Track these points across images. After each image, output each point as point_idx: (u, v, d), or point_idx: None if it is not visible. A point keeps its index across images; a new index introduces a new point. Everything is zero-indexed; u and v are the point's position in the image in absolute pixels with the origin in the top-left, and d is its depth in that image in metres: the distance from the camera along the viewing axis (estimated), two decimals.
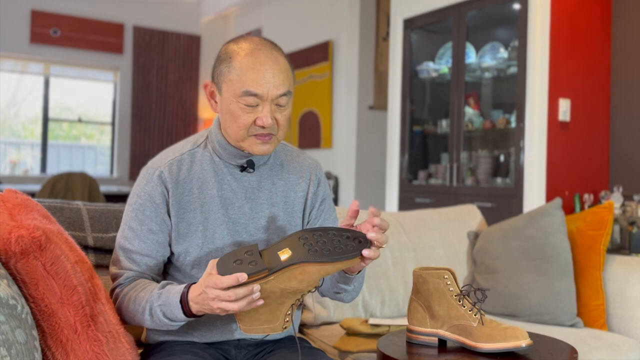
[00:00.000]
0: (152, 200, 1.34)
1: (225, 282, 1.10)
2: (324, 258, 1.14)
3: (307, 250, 1.15)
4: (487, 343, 1.30)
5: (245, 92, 1.28)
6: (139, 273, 1.34)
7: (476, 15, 3.65)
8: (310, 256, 1.14)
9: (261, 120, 1.29)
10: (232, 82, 1.29)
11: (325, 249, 1.15)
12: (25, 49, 6.66)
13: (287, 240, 1.19)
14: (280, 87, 1.30)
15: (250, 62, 1.29)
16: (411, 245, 2.28)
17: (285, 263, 1.13)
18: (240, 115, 1.30)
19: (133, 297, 1.27)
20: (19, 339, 0.97)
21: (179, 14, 7.56)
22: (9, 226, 1.09)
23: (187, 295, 1.20)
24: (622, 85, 3.45)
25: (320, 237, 1.17)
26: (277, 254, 1.16)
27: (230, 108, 1.31)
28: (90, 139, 7.39)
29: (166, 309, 1.22)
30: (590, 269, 2.14)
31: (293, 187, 1.45)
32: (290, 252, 1.15)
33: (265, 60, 1.29)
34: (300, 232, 1.19)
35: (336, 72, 5.60)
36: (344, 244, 1.16)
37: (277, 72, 1.30)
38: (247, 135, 1.32)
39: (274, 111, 1.31)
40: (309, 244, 1.16)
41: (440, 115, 4.08)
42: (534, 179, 3.18)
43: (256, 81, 1.28)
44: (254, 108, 1.30)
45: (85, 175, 5.27)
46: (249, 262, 1.13)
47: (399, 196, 4.03)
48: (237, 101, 1.29)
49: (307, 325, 2.01)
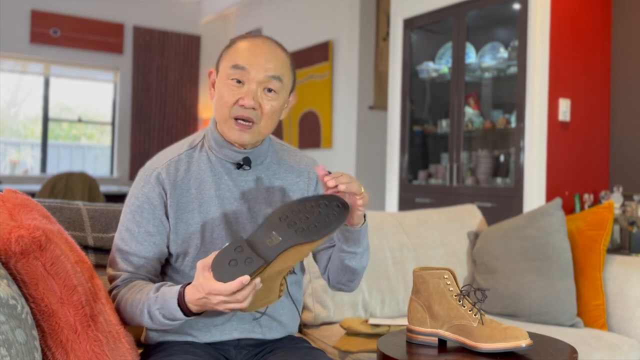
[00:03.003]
0: (149, 202, 1.34)
1: (230, 289, 1.10)
2: (313, 236, 1.15)
3: (294, 232, 1.15)
4: (487, 343, 1.30)
5: (234, 65, 1.30)
6: (136, 274, 1.33)
7: (476, 15, 3.65)
8: (299, 237, 1.15)
9: (243, 99, 1.29)
10: (227, 59, 1.33)
11: (311, 226, 1.16)
12: (25, 49, 6.66)
13: (269, 224, 1.18)
14: (270, 70, 1.31)
15: (248, 44, 1.34)
16: (411, 245, 2.28)
17: (278, 250, 1.14)
18: (226, 93, 1.31)
19: (130, 299, 1.27)
20: (19, 339, 0.97)
21: (179, 14, 7.56)
22: (9, 226, 1.09)
23: (184, 297, 1.19)
24: (622, 85, 3.45)
25: (300, 213, 1.17)
26: (266, 243, 1.15)
27: (219, 88, 1.33)
28: (90, 139, 7.39)
29: (166, 312, 1.22)
30: (590, 269, 2.14)
31: (291, 186, 1.45)
32: (280, 238, 1.15)
33: (262, 46, 1.33)
34: (279, 212, 1.19)
35: (336, 72, 5.60)
36: (325, 214, 1.17)
37: (270, 58, 1.32)
38: (229, 115, 1.31)
39: (261, 96, 1.31)
40: (292, 223, 1.16)
41: (440, 115, 4.08)
42: (534, 179, 3.18)
43: (246, 57, 1.31)
44: (240, 86, 1.31)
45: (85, 175, 5.27)
46: (245, 260, 1.13)
47: (399, 196, 4.03)
48: (226, 78, 1.31)
49: (307, 325, 2.01)
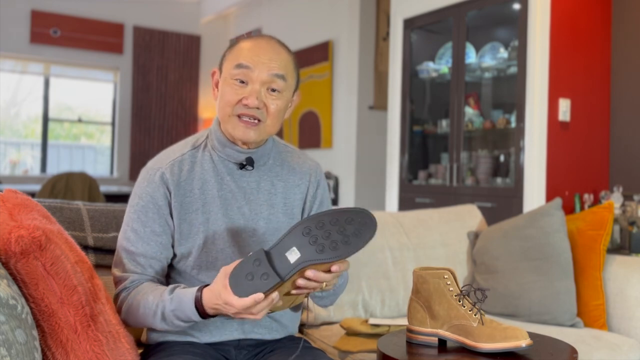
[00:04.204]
0: (154, 202, 1.33)
1: (244, 305, 1.11)
2: (332, 256, 1.13)
3: (314, 250, 1.14)
4: (487, 343, 1.30)
5: (237, 64, 1.30)
6: (144, 276, 1.33)
7: (476, 15, 3.65)
8: (318, 255, 1.13)
9: (246, 99, 1.29)
10: (230, 59, 1.32)
11: (332, 244, 1.14)
12: (25, 49, 6.66)
13: (292, 236, 1.16)
14: (273, 68, 1.30)
15: (251, 44, 1.33)
16: (411, 245, 2.28)
17: (296, 267, 1.13)
18: (228, 91, 1.30)
19: (142, 301, 1.26)
20: (19, 339, 0.97)
21: (179, 14, 7.56)
22: (9, 226, 1.09)
23: (202, 300, 1.20)
24: (622, 85, 3.45)
25: (324, 228, 1.15)
26: (285, 256, 1.14)
27: (223, 88, 1.32)
28: (90, 139, 7.39)
29: (180, 314, 1.22)
30: (590, 269, 2.14)
31: (292, 189, 1.44)
32: (299, 253, 1.14)
33: (265, 45, 1.32)
34: (303, 225, 1.16)
35: (336, 72, 5.60)
36: (349, 233, 1.15)
37: (274, 57, 1.31)
38: (232, 113, 1.31)
39: (265, 96, 1.31)
40: (313, 238, 1.14)
41: (440, 115, 4.08)
42: (534, 179, 3.18)
43: (249, 56, 1.30)
44: (244, 86, 1.30)
45: (85, 175, 5.27)
46: (261, 275, 1.12)
47: (399, 196, 4.03)
48: (230, 77, 1.31)
49: (307, 325, 2.01)
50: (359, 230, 1.15)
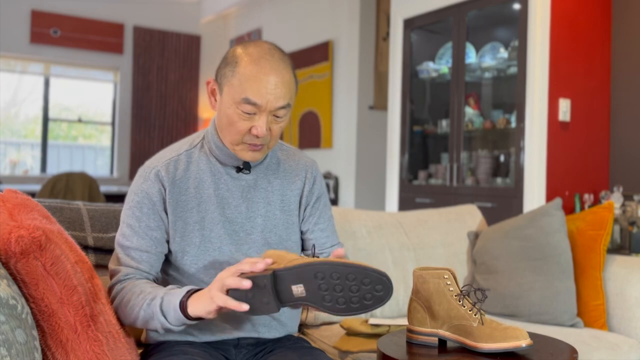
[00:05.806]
0: (149, 198, 1.35)
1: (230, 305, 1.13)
2: (335, 311, 1.11)
3: (320, 298, 1.11)
4: (487, 343, 1.30)
5: (245, 99, 1.28)
6: (138, 270, 1.33)
7: (476, 15, 3.65)
8: (323, 303, 1.11)
9: (256, 129, 1.29)
10: (234, 87, 1.29)
11: (339, 300, 1.10)
12: (25, 49, 6.66)
13: (304, 271, 1.11)
14: (280, 100, 1.29)
15: (254, 71, 1.28)
16: (411, 245, 2.28)
17: (297, 301, 1.13)
18: (237, 121, 1.30)
19: (132, 298, 1.26)
20: (19, 339, 0.97)
21: (179, 14, 7.56)
22: (9, 226, 1.09)
23: (189, 300, 1.19)
24: (622, 85, 3.45)
25: (338, 281, 1.09)
26: (290, 289, 1.12)
27: (228, 112, 1.31)
28: (90, 139, 7.39)
29: (166, 305, 1.22)
30: (590, 269, 2.14)
31: (289, 186, 1.46)
32: (304, 294, 1.12)
33: (269, 70, 1.28)
34: (318, 268, 1.10)
35: (336, 72, 5.60)
36: (360, 296, 1.10)
37: (280, 84, 1.29)
38: (241, 141, 1.33)
39: (271, 122, 1.32)
40: (324, 288, 1.10)
41: (440, 115, 4.08)
42: (534, 179, 3.18)
43: (257, 91, 1.27)
44: (251, 116, 1.30)
45: (85, 175, 5.27)
46: (261, 300, 1.12)
47: (399, 196, 4.03)
48: (235, 107, 1.29)
49: (307, 325, 2.01)
50: (372, 295, 1.10)
